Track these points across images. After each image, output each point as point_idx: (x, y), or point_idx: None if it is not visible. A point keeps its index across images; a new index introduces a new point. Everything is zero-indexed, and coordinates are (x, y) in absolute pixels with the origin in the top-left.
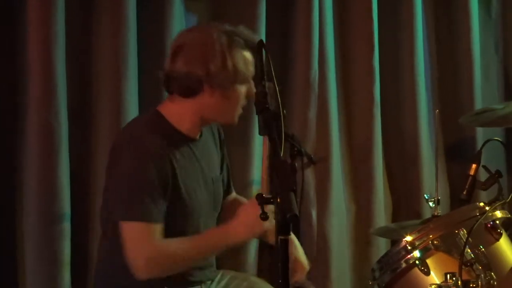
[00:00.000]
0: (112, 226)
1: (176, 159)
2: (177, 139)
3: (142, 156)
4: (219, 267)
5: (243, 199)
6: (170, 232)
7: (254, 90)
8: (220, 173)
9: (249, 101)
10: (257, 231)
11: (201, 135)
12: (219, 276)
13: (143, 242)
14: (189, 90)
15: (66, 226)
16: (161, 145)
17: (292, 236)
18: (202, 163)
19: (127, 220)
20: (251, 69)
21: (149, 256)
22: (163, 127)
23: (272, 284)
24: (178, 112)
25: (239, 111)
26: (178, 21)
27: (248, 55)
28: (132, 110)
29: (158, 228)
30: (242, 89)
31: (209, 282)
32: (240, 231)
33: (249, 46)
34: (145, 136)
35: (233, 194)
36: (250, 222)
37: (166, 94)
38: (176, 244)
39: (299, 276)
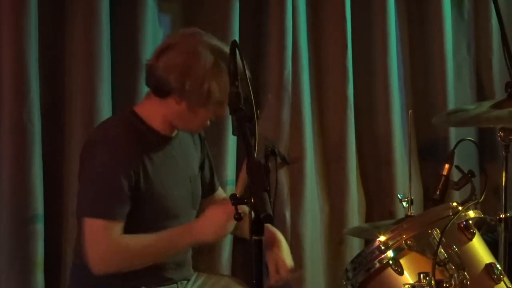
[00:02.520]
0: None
1: (150, 159)
2: (152, 137)
3: (113, 155)
4: (194, 268)
5: None
6: (148, 232)
7: (226, 111)
8: (199, 172)
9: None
10: (221, 234)
11: (177, 133)
12: (194, 277)
13: (101, 238)
14: (160, 90)
15: (39, 227)
16: (135, 144)
17: (280, 236)
18: (179, 161)
19: (89, 217)
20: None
21: (106, 251)
22: (137, 125)
23: (246, 284)
24: (151, 110)
25: (205, 125)
26: (151, 21)
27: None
28: (105, 110)
29: (118, 225)
30: (212, 111)
31: (185, 282)
32: (204, 231)
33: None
34: (118, 135)
35: (222, 193)
36: (215, 223)
37: (139, 94)
38: (136, 240)
39: (282, 275)
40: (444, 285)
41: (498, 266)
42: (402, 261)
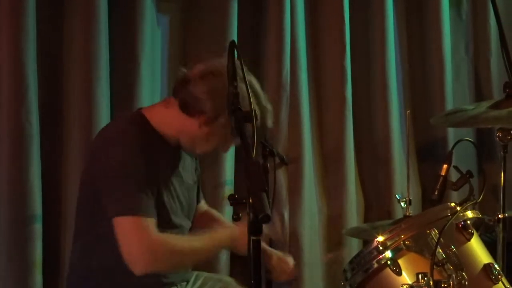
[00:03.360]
0: (89, 223)
1: (158, 163)
2: (157, 141)
3: (130, 149)
4: (193, 268)
5: (214, 211)
6: None
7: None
8: (195, 183)
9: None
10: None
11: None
12: (193, 277)
13: (139, 235)
14: (188, 109)
15: (38, 227)
16: (147, 143)
17: (264, 246)
18: (180, 170)
19: (121, 215)
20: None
21: (147, 249)
22: (145, 129)
23: (245, 285)
24: (165, 117)
25: (209, 150)
26: (149, 21)
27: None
28: (103, 111)
29: (153, 221)
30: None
31: (184, 283)
32: (243, 241)
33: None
34: (133, 132)
35: (204, 205)
36: None
37: (137, 95)
38: (175, 239)
39: (288, 274)
40: (442, 285)
41: (496, 266)
42: (400, 261)
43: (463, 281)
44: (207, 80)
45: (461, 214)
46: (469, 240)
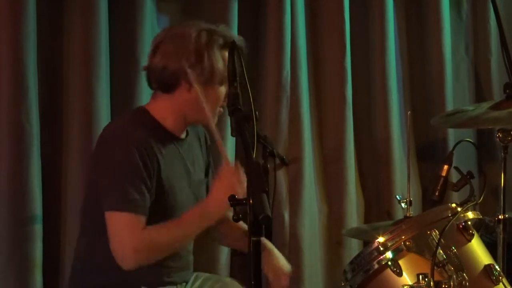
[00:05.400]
0: (95, 220)
1: (162, 154)
2: (163, 135)
3: (129, 147)
4: (193, 269)
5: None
6: None
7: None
8: (205, 177)
9: None
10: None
11: (187, 135)
12: (193, 277)
13: (130, 233)
14: (166, 84)
15: (38, 227)
16: (150, 139)
17: (270, 245)
18: (188, 163)
19: (115, 210)
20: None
21: (135, 248)
22: (149, 123)
23: (245, 286)
24: (161, 108)
25: (218, 111)
26: (150, 21)
27: (227, 56)
28: (103, 110)
29: (143, 219)
30: (222, 89)
31: (184, 284)
32: (218, 204)
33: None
34: (132, 129)
35: None
36: (226, 193)
37: (138, 95)
38: (161, 231)
39: (283, 283)
40: (443, 286)
41: (496, 267)
42: (401, 262)
43: (463, 282)
44: (157, 51)
45: (462, 215)
46: (469, 241)
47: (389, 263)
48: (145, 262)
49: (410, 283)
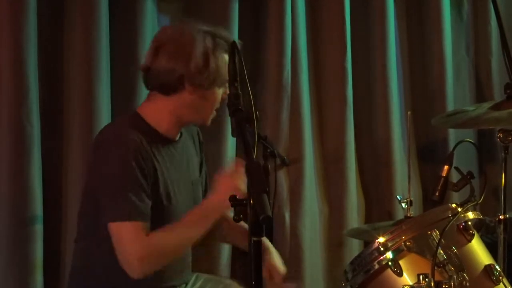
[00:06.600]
0: (90, 225)
1: (157, 158)
2: (157, 139)
3: (124, 154)
4: (193, 270)
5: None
6: None
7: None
8: (200, 176)
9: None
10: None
11: (180, 137)
12: (193, 278)
13: (135, 242)
14: (169, 87)
15: (39, 228)
16: (145, 143)
17: (267, 243)
18: (183, 165)
19: (116, 221)
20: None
21: (141, 256)
22: (142, 128)
23: (245, 287)
24: (156, 111)
25: (214, 113)
26: (150, 22)
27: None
28: (104, 111)
29: (146, 225)
30: (220, 92)
31: (184, 285)
32: (218, 203)
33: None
34: (127, 134)
35: None
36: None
37: (138, 95)
38: (165, 236)
39: (276, 282)
40: (443, 286)
41: (497, 267)
42: (401, 262)
43: (464, 282)
44: (160, 53)
45: (462, 215)
46: (470, 241)
47: (390, 263)
48: (153, 268)
49: (410, 283)
